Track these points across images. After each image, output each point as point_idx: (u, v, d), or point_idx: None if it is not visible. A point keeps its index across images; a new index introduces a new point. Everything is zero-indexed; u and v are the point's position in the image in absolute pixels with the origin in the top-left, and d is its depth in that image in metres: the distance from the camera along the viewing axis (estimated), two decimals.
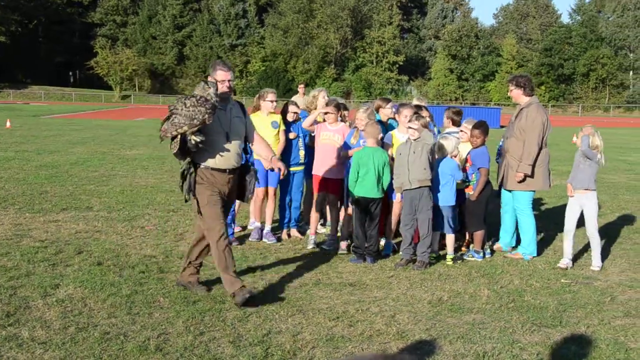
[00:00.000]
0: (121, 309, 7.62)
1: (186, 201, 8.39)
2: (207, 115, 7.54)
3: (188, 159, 7.97)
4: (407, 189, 9.95)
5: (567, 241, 10.44)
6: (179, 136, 7.74)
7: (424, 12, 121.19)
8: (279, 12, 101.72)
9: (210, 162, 8.09)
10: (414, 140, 9.90)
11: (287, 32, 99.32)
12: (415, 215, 10.02)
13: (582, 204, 10.27)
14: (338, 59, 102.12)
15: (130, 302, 7.86)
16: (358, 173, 10.08)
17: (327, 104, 11.42)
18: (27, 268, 9.13)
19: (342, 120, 11.40)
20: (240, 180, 8.53)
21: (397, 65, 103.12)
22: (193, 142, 7.70)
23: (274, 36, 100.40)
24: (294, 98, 19.17)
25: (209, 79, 8.18)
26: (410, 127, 9.99)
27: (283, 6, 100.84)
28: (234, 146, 8.25)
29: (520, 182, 10.61)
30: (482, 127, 10.89)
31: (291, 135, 11.45)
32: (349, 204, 10.65)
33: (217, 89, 7.92)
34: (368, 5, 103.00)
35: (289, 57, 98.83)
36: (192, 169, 7.97)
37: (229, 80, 8.33)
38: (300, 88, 21.86)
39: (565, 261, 10.33)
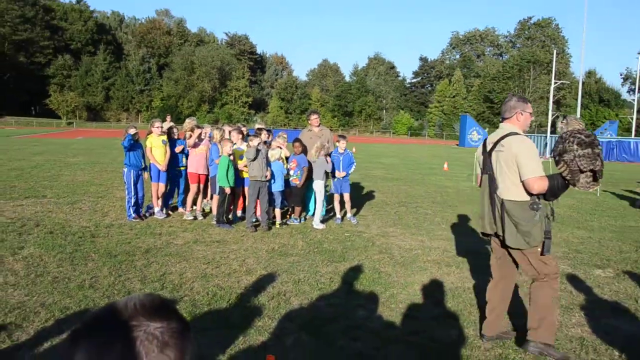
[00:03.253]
0: (66, 262, 7.25)
1: (542, 253, 4.73)
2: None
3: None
4: (258, 180, 9.88)
5: (320, 211, 10.61)
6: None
7: (264, 71, 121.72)
8: (172, 69, 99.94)
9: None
10: (259, 149, 9.90)
11: (177, 82, 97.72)
12: (258, 197, 10.02)
13: (320, 186, 10.55)
14: (210, 99, 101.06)
15: (72, 257, 7.50)
16: (227, 171, 10.02)
17: (192, 129, 11.18)
18: (1, 236, 8.54)
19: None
20: None
21: (247, 104, 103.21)
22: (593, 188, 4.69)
23: (169, 84, 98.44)
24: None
25: (522, 114, 4.91)
26: (250, 142, 9.98)
27: (174, 65, 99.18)
28: None
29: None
30: (299, 141, 11.02)
31: (178, 149, 11.15)
32: (217, 192, 10.53)
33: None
34: (229, 67, 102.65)
35: (178, 98, 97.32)
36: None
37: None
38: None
39: (320, 225, 10.46)
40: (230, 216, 10.68)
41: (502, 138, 4.89)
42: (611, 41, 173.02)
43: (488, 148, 5.02)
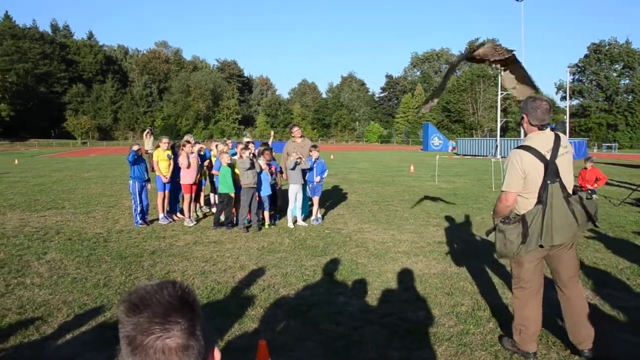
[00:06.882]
0: (83, 264, 7.19)
1: None
2: None
3: None
4: (250, 187, 9.81)
5: (291, 212, 10.47)
6: None
7: (251, 91, 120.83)
8: (171, 92, 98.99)
9: None
10: (252, 160, 9.88)
11: (176, 103, 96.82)
12: (250, 202, 9.95)
13: (297, 191, 10.38)
14: (205, 117, 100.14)
15: (88, 260, 7.43)
16: (225, 180, 10.01)
17: (182, 145, 10.95)
18: (28, 243, 8.48)
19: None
20: None
21: (237, 120, 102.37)
22: None
23: (168, 106, 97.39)
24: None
25: None
26: (243, 154, 9.92)
27: (173, 89, 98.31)
28: None
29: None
30: (269, 149, 11.00)
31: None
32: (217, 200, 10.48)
33: None
34: (220, 88, 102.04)
35: (177, 117, 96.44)
36: None
37: None
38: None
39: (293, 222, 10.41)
40: (234, 219, 10.47)
41: (557, 141, 4.11)
42: (546, 56, 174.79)
43: (548, 157, 4.04)
